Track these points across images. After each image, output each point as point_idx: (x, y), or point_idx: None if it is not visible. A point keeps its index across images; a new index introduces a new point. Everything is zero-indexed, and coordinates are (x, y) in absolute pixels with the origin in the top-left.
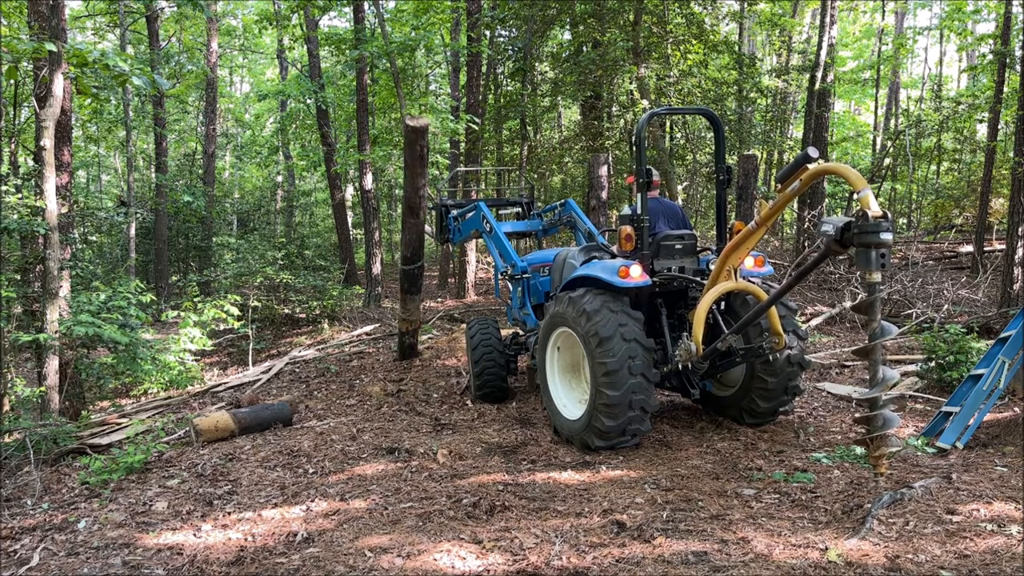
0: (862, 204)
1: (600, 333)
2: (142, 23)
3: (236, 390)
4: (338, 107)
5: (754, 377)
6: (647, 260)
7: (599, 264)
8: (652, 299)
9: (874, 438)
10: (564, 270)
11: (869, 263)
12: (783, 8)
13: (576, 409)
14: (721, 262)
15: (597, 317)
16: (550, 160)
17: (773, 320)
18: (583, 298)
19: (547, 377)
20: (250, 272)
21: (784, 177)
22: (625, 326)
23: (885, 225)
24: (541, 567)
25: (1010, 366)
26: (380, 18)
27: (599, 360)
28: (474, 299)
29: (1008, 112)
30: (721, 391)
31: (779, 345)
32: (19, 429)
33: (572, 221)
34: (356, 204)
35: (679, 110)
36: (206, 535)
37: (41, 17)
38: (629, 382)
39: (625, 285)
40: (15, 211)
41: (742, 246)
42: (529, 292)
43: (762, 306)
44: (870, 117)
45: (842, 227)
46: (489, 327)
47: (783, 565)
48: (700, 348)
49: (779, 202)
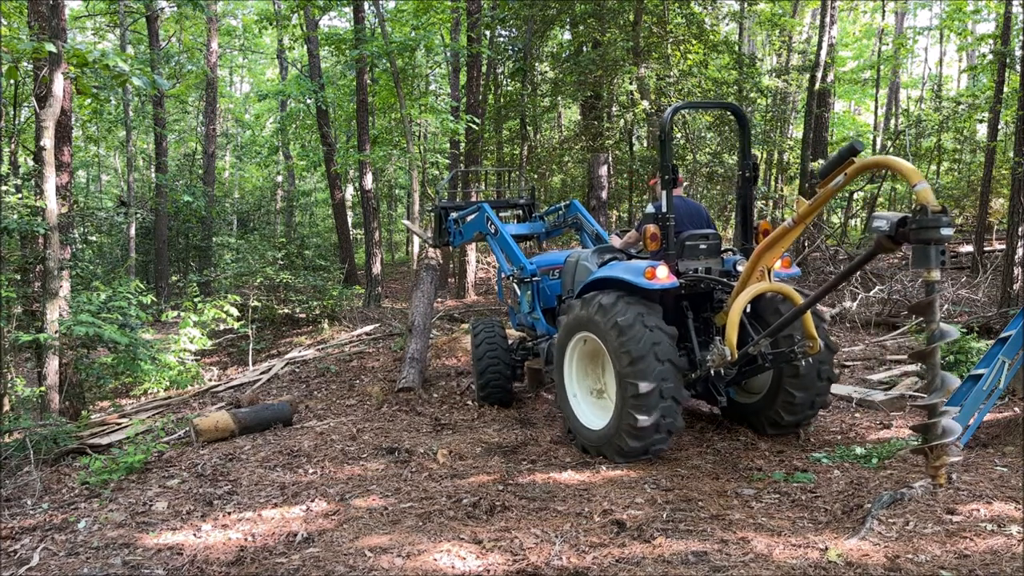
0: (920, 198)
1: (633, 352)
2: (142, 23)
3: (236, 390)
4: (338, 107)
5: (780, 389)
6: (672, 261)
7: (622, 265)
8: (677, 301)
9: (933, 447)
10: (577, 273)
11: (928, 260)
12: (783, 8)
13: (596, 418)
14: (753, 262)
15: (631, 332)
16: (550, 160)
17: (807, 323)
18: (614, 307)
19: (565, 383)
20: (250, 272)
21: (827, 171)
22: (659, 344)
23: (945, 220)
24: (541, 567)
25: (1010, 366)
26: (380, 18)
27: (629, 380)
28: (474, 299)
29: (1008, 112)
30: (744, 398)
31: (813, 349)
32: (19, 429)
33: (578, 223)
34: (356, 204)
35: (705, 104)
36: (206, 535)
37: (41, 17)
38: (660, 405)
39: (652, 287)
40: (15, 211)
41: (776, 245)
42: (539, 296)
43: (801, 307)
44: (870, 117)
45: (897, 222)
46: (495, 329)
47: (783, 565)
48: (735, 352)
49: (820, 198)
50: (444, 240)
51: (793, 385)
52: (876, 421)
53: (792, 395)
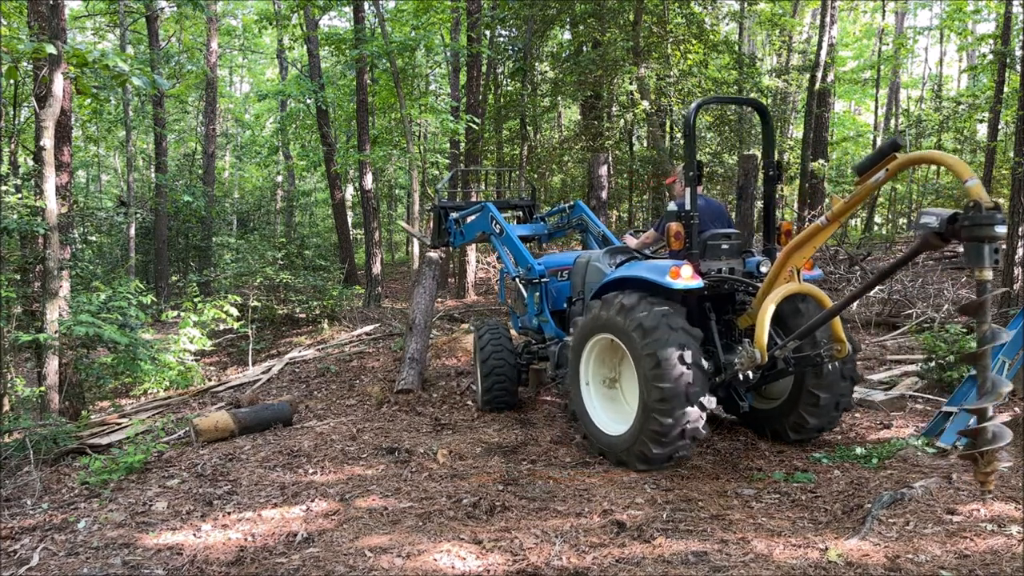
0: (972, 194)
1: (658, 354)
2: (142, 23)
3: (236, 390)
4: (338, 107)
5: (803, 391)
6: (696, 260)
7: (645, 264)
8: (699, 303)
9: (983, 453)
10: (588, 274)
11: (981, 259)
12: (783, 8)
13: (615, 424)
14: (781, 261)
15: (655, 334)
16: (550, 160)
17: (835, 326)
18: (637, 307)
19: (581, 388)
20: (250, 272)
21: (866, 167)
22: (685, 346)
23: (1000, 217)
24: (541, 567)
25: (1010, 366)
26: (380, 18)
27: (654, 384)
28: (474, 299)
29: (1008, 112)
30: (763, 404)
31: (841, 353)
32: (19, 429)
33: (583, 224)
34: (356, 204)
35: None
36: (206, 535)
37: (41, 17)
38: (685, 410)
39: (677, 287)
40: (15, 211)
41: (807, 244)
42: (547, 298)
43: (835, 308)
44: (870, 117)
45: (947, 219)
46: (500, 333)
47: (783, 565)
48: (765, 355)
49: (858, 195)
50: (443, 240)
51: (817, 385)
52: (876, 421)
53: (816, 396)
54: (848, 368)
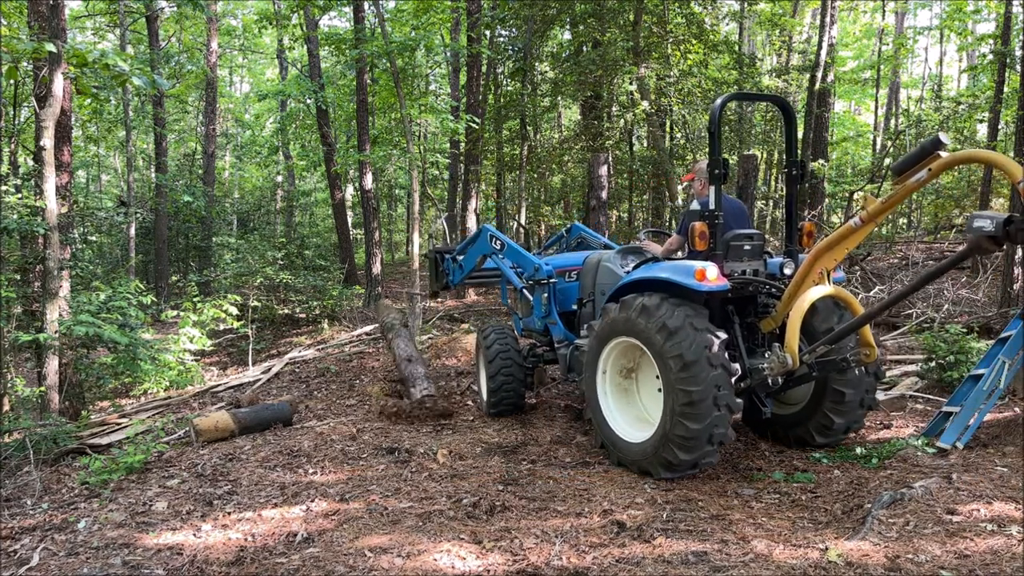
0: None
1: (685, 356)
2: (142, 23)
3: (236, 390)
4: (338, 107)
5: (827, 390)
6: (720, 261)
7: (668, 265)
8: (722, 305)
9: None
10: (599, 275)
11: None
12: (783, 8)
13: (634, 430)
14: (809, 263)
15: (680, 336)
16: (550, 160)
17: (865, 330)
18: (659, 309)
19: (597, 393)
20: (250, 272)
21: (905, 167)
22: (711, 348)
23: None
24: (541, 567)
25: (1010, 366)
26: (380, 18)
27: (680, 387)
28: (474, 299)
29: (1008, 112)
30: (782, 409)
31: (870, 358)
32: (19, 429)
33: (583, 242)
34: (356, 204)
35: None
36: (206, 535)
37: (41, 17)
38: (713, 415)
39: (702, 289)
40: (15, 211)
41: (839, 246)
42: (555, 299)
43: (871, 312)
44: (870, 117)
45: (1003, 221)
46: (507, 336)
47: (783, 565)
48: (797, 359)
49: (897, 196)
50: (442, 283)
51: (841, 383)
52: (876, 421)
53: (841, 394)
54: (872, 364)
